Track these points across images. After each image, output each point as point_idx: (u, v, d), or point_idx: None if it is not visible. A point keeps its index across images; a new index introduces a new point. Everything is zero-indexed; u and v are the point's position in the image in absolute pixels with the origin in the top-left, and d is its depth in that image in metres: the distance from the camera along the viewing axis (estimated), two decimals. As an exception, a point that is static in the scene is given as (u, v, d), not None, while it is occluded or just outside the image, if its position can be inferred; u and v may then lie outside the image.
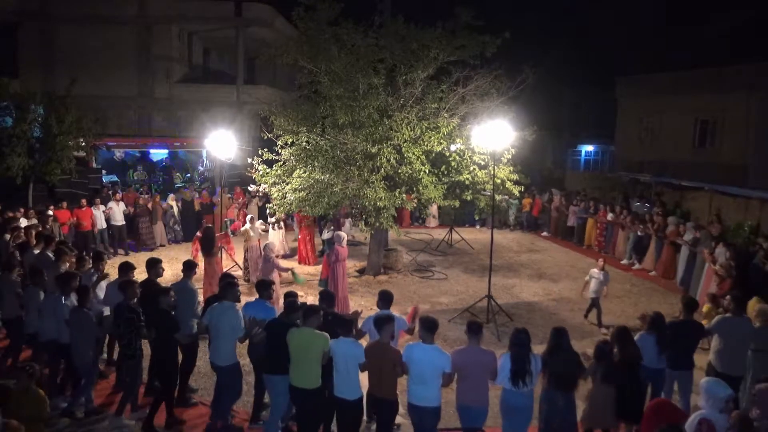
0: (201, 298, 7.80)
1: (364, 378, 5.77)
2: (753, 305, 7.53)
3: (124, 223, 15.20)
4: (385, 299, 6.73)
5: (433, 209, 18.75)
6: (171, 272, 11.70)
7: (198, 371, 7.79)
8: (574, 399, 5.83)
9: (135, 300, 6.75)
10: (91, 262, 8.37)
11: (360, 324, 6.73)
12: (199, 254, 11.36)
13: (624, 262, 15.35)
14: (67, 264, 8.49)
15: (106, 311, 7.60)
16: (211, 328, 6.45)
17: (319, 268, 12.47)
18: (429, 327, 5.65)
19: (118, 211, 15.07)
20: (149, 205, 15.82)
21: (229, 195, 17.92)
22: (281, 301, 8.09)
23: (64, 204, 14.21)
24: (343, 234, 11.23)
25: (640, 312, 11.06)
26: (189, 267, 7.59)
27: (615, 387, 5.92)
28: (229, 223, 15.79)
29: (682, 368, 6.75)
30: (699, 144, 21.46)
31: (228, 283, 6.61)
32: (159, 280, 7.68)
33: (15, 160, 14.60)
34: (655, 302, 11.93)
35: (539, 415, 5.85)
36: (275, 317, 6.37)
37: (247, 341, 6.63)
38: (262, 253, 10.59)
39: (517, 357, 5.60)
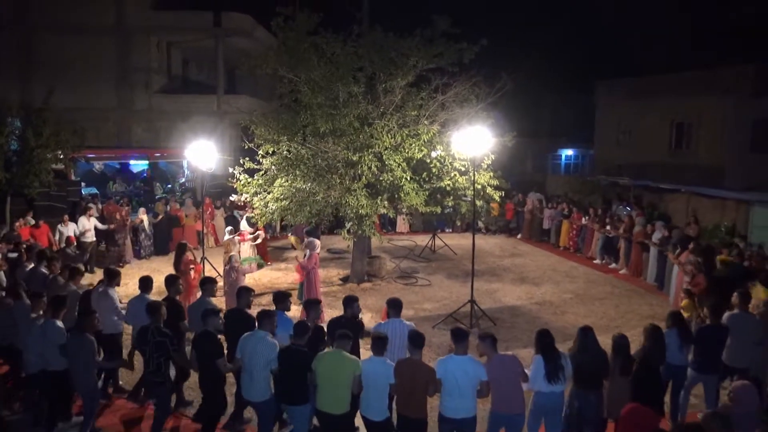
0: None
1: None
2: (758, 294, 7.75)
3: (93, 240, 14.50)
4: (396, 307, 6.62)
5: (401, 219, 18.72)
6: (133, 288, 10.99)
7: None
8: (603, 395, 5.97)
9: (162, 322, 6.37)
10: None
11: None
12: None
13: (596, 262, 15.78)
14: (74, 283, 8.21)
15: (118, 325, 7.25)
16: (244, 360, 5.93)
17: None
18: (461, 337, 5.58)
19: (90, 227, 14.37)
20: (127, 222, 15.29)
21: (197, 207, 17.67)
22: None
23: (23, 221, 13.51)
24: (317, 241, 11.30)
25: (622, 314, 11.29)
26: (206, 283, 7.41)
27: (632, 380, 6.06)
28: (200, 235, 15.72)
29: (708, 372, 6.84)
30: (676, 146, 21.80)
31: (264, 313, 6.14)
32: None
33: (-9, 174, 14.42)
34: (635, 304, 12.11)
35: (569, 412, 5.97)
36: (287, 345, 5.95)
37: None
38: (227, 265, 10.58)
39: (548, 356, 5.71)
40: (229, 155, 20.11)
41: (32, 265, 9.18)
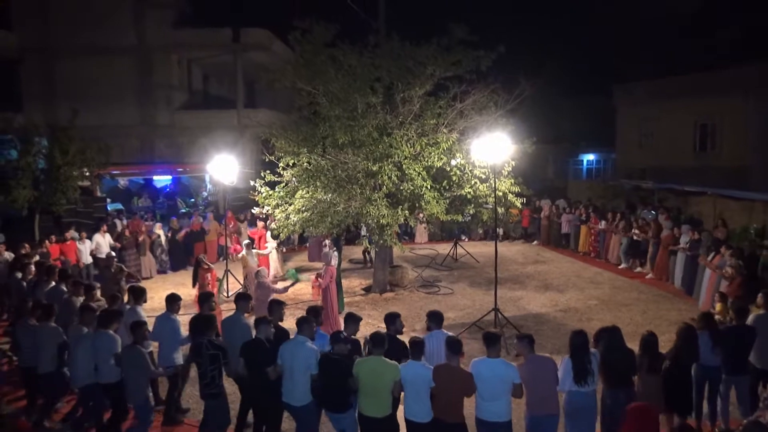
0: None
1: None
2: None
3: (104, 256, 14.20)
4: (437, 319, 6.63)
5: (420, 227, 18.54)
6: (159, 302, 11.00)
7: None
8: (634, 393, 5.95)
9: (215, 336, 6.41)
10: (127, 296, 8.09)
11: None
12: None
13: (622, 266, 15.63)
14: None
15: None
16: (284, 366, 5.98)
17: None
18: (492, 340, 5.63)
19: (104, 243, 14.37)
20: (141, 238, 15.25)
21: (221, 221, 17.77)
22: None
23: (53, 238, 13.74)
24: (333, 253, 11.29)
25: (649, 320, 11.10)
26: (240, 299, 7.42)
27: (662, 378, 6.06)
28: (222, 250, 15.80)
29: (739, 373, 6.75)
30: (699, 148, 21.49)
31: (304, 318, 6.24)
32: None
33: (20, 192, 14.76)
34: (663, 309, 11.88)
35: (602, 411, 5.96)
36: (324, 353, 5.99)
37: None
38: (255, 280, 10.51)
39: (578, 357, 5.70)
40: (250, 168, 20.30)
41: (53, 284, 9.25)
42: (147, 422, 6.62)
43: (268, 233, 14.66)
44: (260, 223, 15.67)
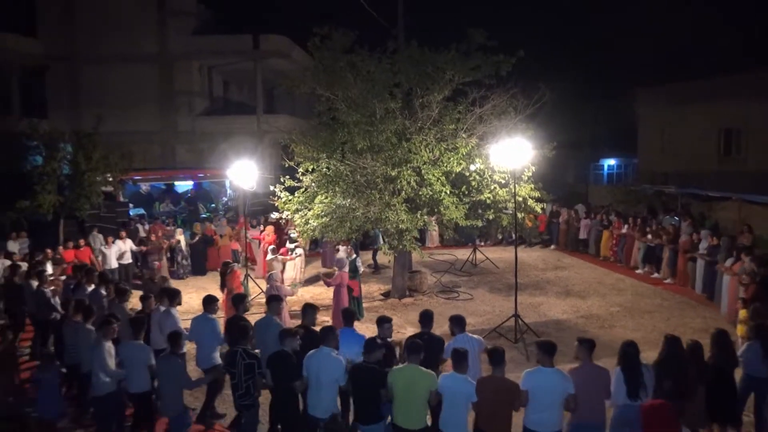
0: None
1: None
2: None
3: (131, 261, 14.71)
4: (459, 323, 6.60)
5: (434, 233, 18.34)
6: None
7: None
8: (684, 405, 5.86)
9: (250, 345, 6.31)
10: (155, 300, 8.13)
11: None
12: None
13: (639, 271, 15.51)
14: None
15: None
16: (310, 378, 5.87)
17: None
18: (548, 350, 5.51)
19: (126, 249, 14.57)
20: (163, 243, 15.31)
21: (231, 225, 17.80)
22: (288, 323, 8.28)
23: (71, 244, 13.93)
24: (345, 259, 11.29)
25: (673, 327, 10.91)
26: (272, 301, 7.42)
27: (705, 388, 5.97)
28: (235, 255, 15.87)
29: None
30: (724, 153, 21.12)
31: (328, 329, 6.15)
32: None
33: (45, 198, 15.00)
34: (687, 317, 11.68)
35: None
36: (356, 363, 5.89)
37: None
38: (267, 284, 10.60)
39: (630, 369, 5.58)
40: (269, 174, 20.45)
41: (92, 287, 9.39)
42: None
43: (287, 242, 14.70)
44: (269, 228, 15.67)
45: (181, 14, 24.28)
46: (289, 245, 14.38)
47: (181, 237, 16.26)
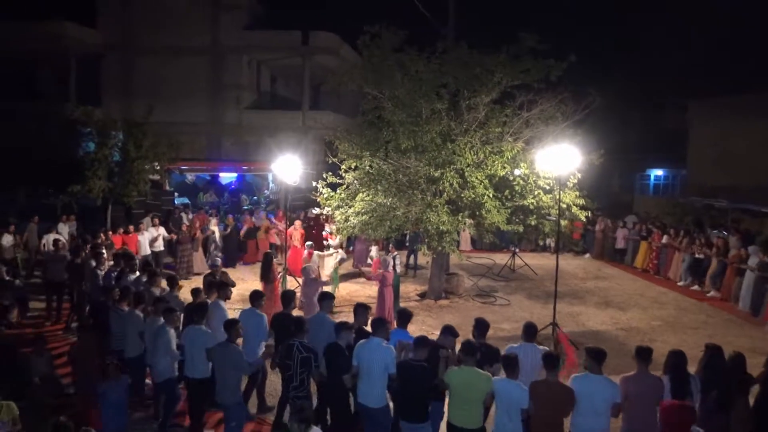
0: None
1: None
2: None
3: (162, 249, 14.84)
4: (531, 332, 6.52)
5: (465, 234, 18.13)
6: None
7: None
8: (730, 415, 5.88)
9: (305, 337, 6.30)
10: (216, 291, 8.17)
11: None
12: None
13: (680, 284, 15.22)
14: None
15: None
16: (361, 367, 5.94)
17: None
18: (597, 357, 5.54)
19: (157, 235, 14.66)
20: (197, 234, 15.45)
21: (270, 218, 17.93)
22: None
23: (121, 230, 14.19)
24: (389, 259, 11.30)
25: (705, 344, 10.56)
26: (324, 298, 7.44)
27: (755, 406, 6.01)
28: (273, 248, 15.98)
29: None
30: (778, 168, 20.37)
31: (379, 320, 6.24)
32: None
33: (96, 183, 15.48)
34: (732, 335, 11.30)
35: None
36: (404, 360, 5.95)
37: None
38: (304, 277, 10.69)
39: (677, 379, 5.59)
40: (312, 169, 20.67)
41: (137, 275, 9.69)
42: (242, 423, 6.50)
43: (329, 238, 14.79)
44: (297, 222, 15.73)
45: (233, 9, 24.71)
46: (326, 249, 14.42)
47: (215, 228, 16.33)
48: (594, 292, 14.57)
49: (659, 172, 32.68)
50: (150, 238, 14.51)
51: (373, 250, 15.31)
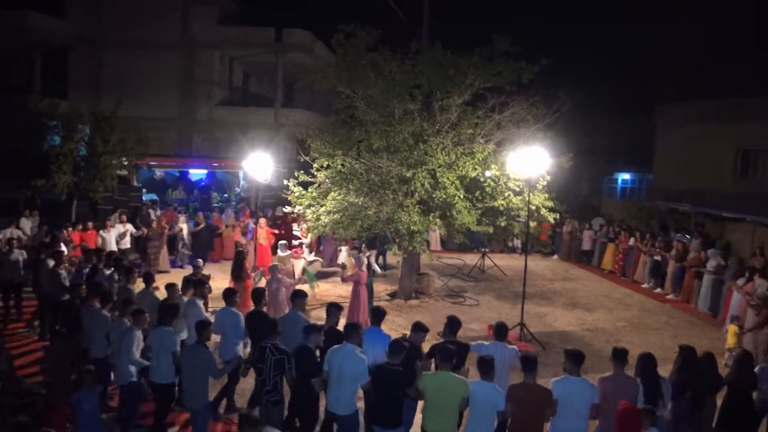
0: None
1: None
2: None
3: (129, 246, 14.58)
4: (502, 332, 6.54)
5: (435, 234, 18.18)
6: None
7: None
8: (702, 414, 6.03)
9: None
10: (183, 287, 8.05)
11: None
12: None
13: (645, 286, 15.63)
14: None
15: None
16: (331, 373, 5.81)
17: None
18: (576, 359, 5.56)
19: (124, 232, 14.41)
20: (163, 231, 15.08)
21: (235, 216, 17.74)
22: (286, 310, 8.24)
23: (80, 227, 13.82)
24: (363, 258, 11.30)
25: (678, 345, 10.83)
26: (297, 296, 7.36)
27: (722, 408, 6.16)
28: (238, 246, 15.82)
29: None
30: (741, 173, 20.93)
31: (352, 325, 6.10)
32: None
33: (61, 177, 15.13)
34: (694, 336, 11.60)
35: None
36: (379, 363, 5.84)
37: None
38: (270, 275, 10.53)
39: (648, 381, 5.66)
40: (284, 167, 20.52)
41: (110, 271, 9.46)
42: (206, 426, 6.37)
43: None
44: (262, 220, 15.63)
45: (205, 3, 24.37)
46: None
47: (183, 225, 16.09)
48: (561, 293, 14.80)
49: (627, 176, 33.31)
50: (117, 234, 14.21)
51: (343, 251, 15.28)
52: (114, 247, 13.88)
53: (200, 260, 11.22)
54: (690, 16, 30.13)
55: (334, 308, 6.93)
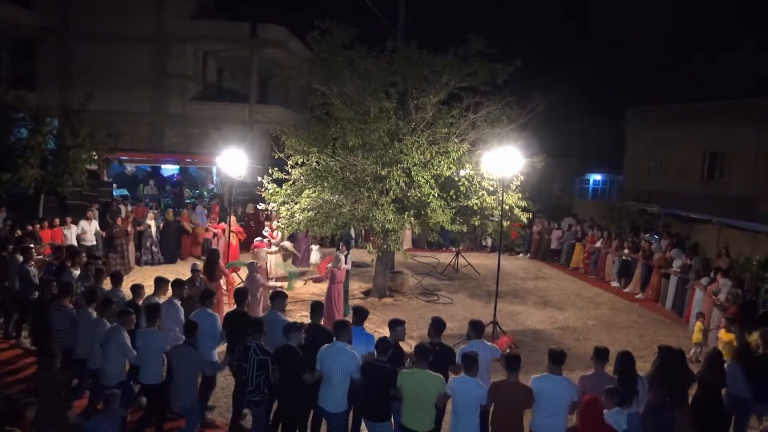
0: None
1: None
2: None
3: (94, 243, 13.98)
4: (479, 329, 6.54)
5: (407, 233, 18.06)
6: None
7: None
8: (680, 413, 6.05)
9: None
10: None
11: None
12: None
13: (614, 284, 16.00)
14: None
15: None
16: (324, 371, 5.88)
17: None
18: (557, 358, 5.69)
19: (89, 230, 13.95)
20: (129, 228, 14.55)
21: (206, 213, 17.59)
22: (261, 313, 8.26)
23: (46, 223, 13.33)
24: (341, 256, 11.29)
25: (647, 344, 11.06)
26: (276, 297, 7.26)
27: (692, 405, 6.20)
28: (207, 243, 15.67)
29: (764, 401, 6.80)
30: (708, 176, 21.46)
31: (341, 323, 6.16)
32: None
33: (28, 171, 14.72)
34: (661, 334, 11.85)
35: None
36: (367, 360, 5.92)
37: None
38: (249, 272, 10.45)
39: (624, 379, 5.77)
40: (258, 164, 20.35)
41: (79, 271, 9.21)
42: (196, 425, 6.38)
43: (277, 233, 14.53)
44: (232, 218, 15.49)
45: (179, -3, 24.02)
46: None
47: (151, 222, 15.71)
48: (534, 292, 14.97)
49: (598, 177, 33.88)
50: (78, 231, 13.71)
51: (314, 249, 15.24)
52: (74, 243, 13.25)
53: (197, 263, 11.03)
54: (660, 18, 30.73)
55: (319, 306, 7.01)
